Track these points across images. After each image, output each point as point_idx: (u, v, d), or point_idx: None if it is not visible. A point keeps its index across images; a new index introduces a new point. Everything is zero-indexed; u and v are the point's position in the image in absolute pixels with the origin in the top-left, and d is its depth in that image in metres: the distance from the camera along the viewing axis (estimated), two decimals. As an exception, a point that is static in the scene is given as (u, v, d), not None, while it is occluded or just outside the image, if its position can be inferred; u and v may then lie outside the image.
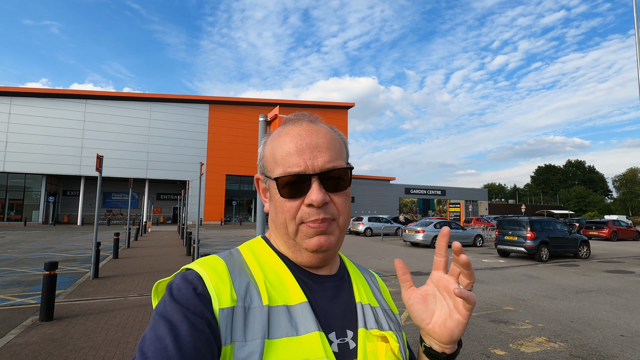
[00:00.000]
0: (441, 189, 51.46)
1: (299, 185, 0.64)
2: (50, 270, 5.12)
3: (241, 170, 38.60)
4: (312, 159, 0.64)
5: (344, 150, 0.71)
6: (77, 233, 22.69)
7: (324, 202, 0.64)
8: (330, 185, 0.66)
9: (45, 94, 32.61)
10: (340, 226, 0.67)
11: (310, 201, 0.63)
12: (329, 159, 0.65)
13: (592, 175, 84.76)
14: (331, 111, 42.07)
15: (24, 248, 13.81)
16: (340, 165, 0.67)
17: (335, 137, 0.70)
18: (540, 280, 8.88)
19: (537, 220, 13.41)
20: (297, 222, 0.65)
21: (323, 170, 0.64)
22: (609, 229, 22.78)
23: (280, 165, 0.66)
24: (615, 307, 6.42)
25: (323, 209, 0.64)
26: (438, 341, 0.62)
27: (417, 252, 14.78)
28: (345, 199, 0.68)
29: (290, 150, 0.65)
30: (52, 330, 4.66)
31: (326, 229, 0.65)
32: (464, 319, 0.60)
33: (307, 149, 0.65)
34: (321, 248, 0.65)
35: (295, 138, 0.66)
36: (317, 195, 0.63)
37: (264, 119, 3.01)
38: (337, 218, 0.66)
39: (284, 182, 0.64)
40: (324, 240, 0.65)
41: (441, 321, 0.61)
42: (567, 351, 4.34)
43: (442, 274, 0.63)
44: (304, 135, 0.66)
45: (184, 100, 37.14)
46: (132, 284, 7.58)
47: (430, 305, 0.63)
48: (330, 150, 0.66)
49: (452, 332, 0.60)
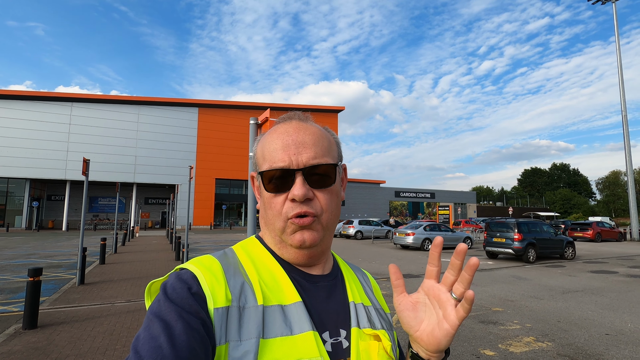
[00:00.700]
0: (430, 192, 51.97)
1: (283, 180, 0.65)
2: (34, 276, 4.98)
3: (231, 174, 38.32)
4: (296, 154, 0.65)
5: (333, 149, 0.71)
6: (62, 238, 22.17)
7: (306, 197, 0.64)
8: (315, 181, 0.66)
9: (29, 96, 31.90)
10: (323, 223, 0.67)
11: (293, 195, 0.63)
12: (314, 155, 0.66)
13: (577, 177, 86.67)
14: (321, 115, 42.18)
15: (6, 254, 13.43)
16: (326, 161, 0.67)
17: (323, 135, 0.71)
18: (527, 281, 9.02)
19: (524, 222, 13.63)
20: (283, 217, 0.65)
21: (307, 166, 0.65)
22: (593, 230, 23.29)
23: (267, 161, 0.67)
24: (600, 307, 6.56)
25: (306, 204, 0.64)
26: (425, 349, 0.62)
27: (407, 255, 14.86)
28: (330, 196, 0.67)
29: (277, 146, 0.66)
30: (36, 339, 4.53)
31: (309, 224, 0.64)
32: (452, 329, 0.59)
33: (292, 144, 0.66)
34: (304, 244, 0.65)
35: (282, 135, 0.67)
36: (299, 190, 0.63)
37: (254, 122, 3.01)
38: (319, 215, 0.66)
39: (269, 176, 0.65)
40: (307, 235, 0.65)
41: (429, 330, 0.61)
42: (554, 350, 4.41)
43: (434, 283, 0.62)
44: (291, 132, 0.67)
45: (172, 103, 36.75)
46: (120, 290, 7.44)
47: (419, 313, 0.62)
48: (316, 147, 0.67)
49: (440, 341, 0.60)
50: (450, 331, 0.59)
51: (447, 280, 0.60)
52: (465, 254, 0.58)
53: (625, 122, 26.66)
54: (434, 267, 0.62)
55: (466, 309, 0.57)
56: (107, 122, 33.94)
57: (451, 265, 0.60)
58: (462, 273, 0.58)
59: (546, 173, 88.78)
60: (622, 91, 26.87)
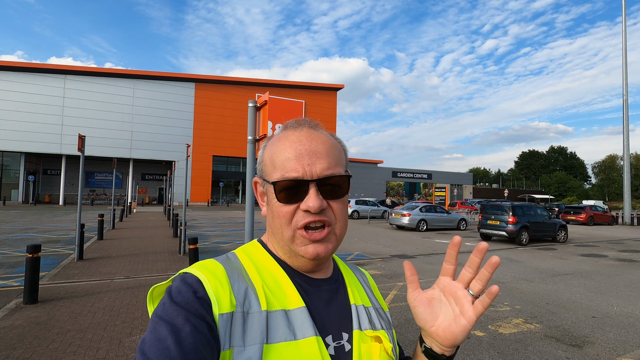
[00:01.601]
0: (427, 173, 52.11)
1: (296, 190, 0.64)
2: (33, 253, 5.03)
3: (228, 151, 38.12)
4: (310, 165, 0.64)
5: (343, 158, 0.71)
6: (60, 213, 22.22)
7: (321, 208, 0.64)
8: (328, 192, 0.65)
9: (21, 67, 31.13)
10: (337, 233, 0.68)
11: (307, 207, 0.63)
12: (328, 165, 0.65)
13: (573, 161, 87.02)
14: (320, 92, 41.51)
15: (4, 228, 13.49)
16: (339, 172, 0.67)
17: (335, 144, 0.70)
18: (519, 264, 9.22)
19: (519, 206, 13.79)
20: (293, 227, 0.65)
21: (321, 177, 0.64)
22: (586, 214, 23.64)
23: (278, 170, 0.66)
24: (588, 290, 6.74)
25: (319, 215, 0.64)
26: (440, 344, 0.64)
27: (402, 235, 15.07)
28: (342, 206, 0.68)
29: (289, 155, 0.65)
30: (37, 313, 4.62)
31: (323, 237, 0.65)
32: (469, 324, 0.61)
33: (306, 154, 0.65)
34: (318, 257, 0.65)
35: (294, 143, 0.66)
36: (314, 202, 0.63)
37: (253, 105, 2.96)
38: (334, 224, 0.66)
39: (282, 186, 0.64)
40: (321, 249, 0.65)
41: (445, 325, 0.63)
42: (542, 332, 4.57)
43: (450, 280, 0.64)
44: (304, 141, 0.66)
45: (169, 78, 36.03)
46: (118, 266, 7.54)
47: (435, 308, 0.64)
48: (329, 157, 0.66)
49: (456, 336, 0.62)
50: (467, 326, 0.61)
51: (464, 278, 0.62)
52: (486, 252, 0.59)
53: (626, 105, 26.49)
54: (450, 265, 0.64)
55: (485, 304, 0.60)
56: (102, 96, 33.36)
57: (469, 262, 0.62)
58: (482, 270, 0.60)
59: (543, 156, 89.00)
60: (625, 73, 26.55)
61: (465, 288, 0.62)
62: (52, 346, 3.70)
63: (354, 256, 9.75)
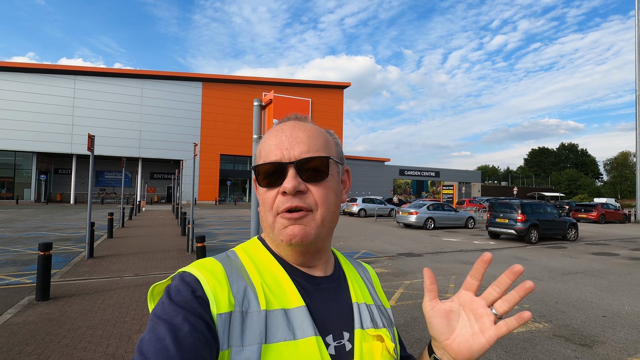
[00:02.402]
0: (435, 171, 51.76)
1: (276, 175, 0.64)
2: (45, 250, 5.12)
3: (236, 150, 38.29)
4: (289, 149, 0.65)
5: (331, 148, 0.70)
6: (70, 212, 22.60)
7: (297, 189, 0.62)
8: (309, 175, 0.65)
9: (33, 69, 31.65)
10: (318, 219, 0.64)
11: (284, 188, 0.62)
12: (307, 149, 0.65)
13: (585, 158, 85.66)
14: (327, 91, 41.45)
15: (17, 227, 13.76)
16: (319, 154, 0.66)
17: (320, 133, 0.70)
18: (528, 262, 9.11)
19: (528, 204, 13.62)
20: (274, 212, 0.65)
21: (299, 159, 0.64)
22: (598, 212, 23.24)
23: (262, 158, 0.68)
24: (598, 289, 6.64)
25: (298, 198, 0.63)
26: (452, 357, 0.62)
27: (409, 233, 15.01)
28: (325, 191, 0.66)
29: (271, 143, 0.67)
30: (49, 310, 4.71)
31: (300, 217, 0.63)
32: (488, 344, 0.59)
33: (286, 140, 0.66)
34: (294, 238, 0.63)
35: (277, 132, 0.68)
36: (289, 182, 0.62)
37: (258, 103, 2.97)
38: (314, 209, 0.64)
39: (262, 171, 0.66)
40: (297, 229, 0.63)
41: (461, 340, 0.61)
42: (550, 331, 4.52)
43: (472, 296, 0.63)
44: (286, 130, 0.68)
45: (176, 77, 36.31)
46: (128, 263, 7.64)
47: (452, 321, 0.63)
48: (309, 142, 0.66)
49: (473, 354, 0.60)
50: (485, 345, 0.60)
51: (490, 296, 0.61)
52: (520, 275, 0.58)
53: (639, 101, 25.97)
54: (475, 280, 0.62)
55: (511, 328, 0.58)
56: (111, 96, 33.76)
57: (499, 282, 0.60)
58: (512, 293, 0.59)
59: (553, 153, 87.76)
60: (638, 68, 26.00)
61: (487, 306, 0.61)
62: (64, 342, 3.78)
63: (360, 254, 9.74)
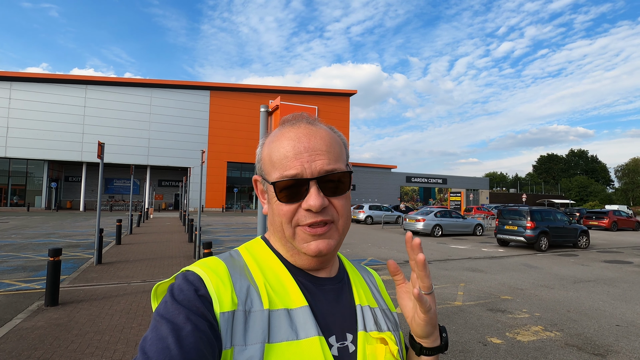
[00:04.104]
0: (442, 178, 51.41)
1: (296, 189, 0.63)
2: (55, 256, 5.18)
3: (242, 157, 38.53)
4: (310, 162, 0.63)
5: (343, 152, 0.70)
6: (80, 219, 22.86)
7: (323, 206, 0.63)
8: (330, 189, 0.64)
9: (45, 79, 32.37)
10: (340, 229, 0.67)
11: (308, 206, 0.62)
12: (328, 161, 0.64)
13: (595, 164, 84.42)
14: (333, 98, 41.65)
15: (28, 233, 13.96)
16: (340, 168, 0.65)
17: (334, 139, 0.69)
18: (538, 270, 8.96)
19: (538, 210, 13.43)
20: (293, 225, 0.64)
21: (322, 174, 0.63)
22: (609, 219, 22.81)
23: (277, 169, 0.65)
24: (612, 297, 6.49)
25: (321, 212, 0.63)
26: (414, 334, 0.69)
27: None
28: (344, 202, 0.67)
29: (288, 153, 0.64)
30: (58, 315, 4.75)
31: (325, 232, 0.64)
32: (421, 321, 0.64)
33: (304, 152, 0.63)
34: (320, 253, 0.64)
35: (292, 141, 0.65)
36: (315, 200, 0.61)
37: (265, 110, 3.00)
38: (336, 221, 0.66)
39: (282, 186, 0.63)
40: (323, 245, 0.64)
41: (410, 317, 0.67)
42: (562, 340, 4.42)
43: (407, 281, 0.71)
44: (302, 138, 0.65)
45: (184, 86, 36.82)
46: (136, 270, 7.69)
47: (408, 301, 0.68)
48: (329, 153, 0.65)
49: (421, 329, 0.66)
50: (421, 323, 0.65)
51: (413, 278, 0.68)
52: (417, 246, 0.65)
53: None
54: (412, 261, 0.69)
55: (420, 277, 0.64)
56: (121, 105, 34.32)
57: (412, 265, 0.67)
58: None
59: (563, 159, 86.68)
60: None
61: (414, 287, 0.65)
62: (72, 347, 3.80)
63: (367, 261, 9.67)
